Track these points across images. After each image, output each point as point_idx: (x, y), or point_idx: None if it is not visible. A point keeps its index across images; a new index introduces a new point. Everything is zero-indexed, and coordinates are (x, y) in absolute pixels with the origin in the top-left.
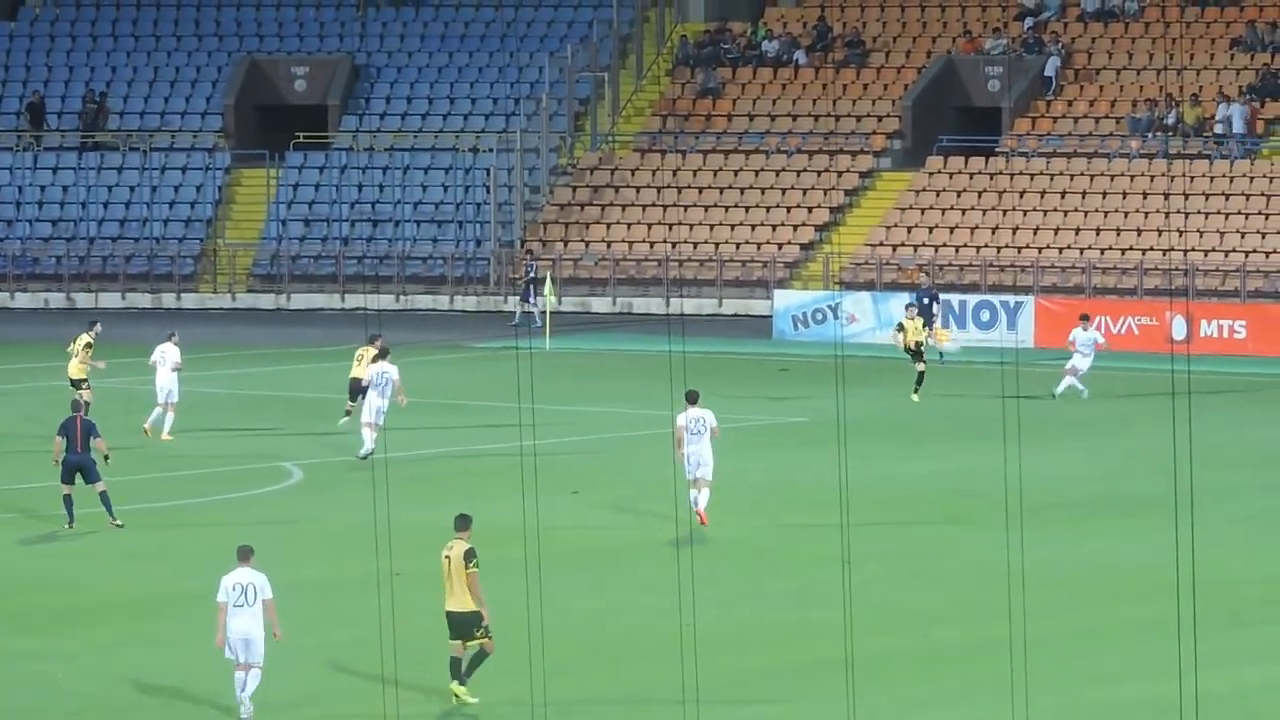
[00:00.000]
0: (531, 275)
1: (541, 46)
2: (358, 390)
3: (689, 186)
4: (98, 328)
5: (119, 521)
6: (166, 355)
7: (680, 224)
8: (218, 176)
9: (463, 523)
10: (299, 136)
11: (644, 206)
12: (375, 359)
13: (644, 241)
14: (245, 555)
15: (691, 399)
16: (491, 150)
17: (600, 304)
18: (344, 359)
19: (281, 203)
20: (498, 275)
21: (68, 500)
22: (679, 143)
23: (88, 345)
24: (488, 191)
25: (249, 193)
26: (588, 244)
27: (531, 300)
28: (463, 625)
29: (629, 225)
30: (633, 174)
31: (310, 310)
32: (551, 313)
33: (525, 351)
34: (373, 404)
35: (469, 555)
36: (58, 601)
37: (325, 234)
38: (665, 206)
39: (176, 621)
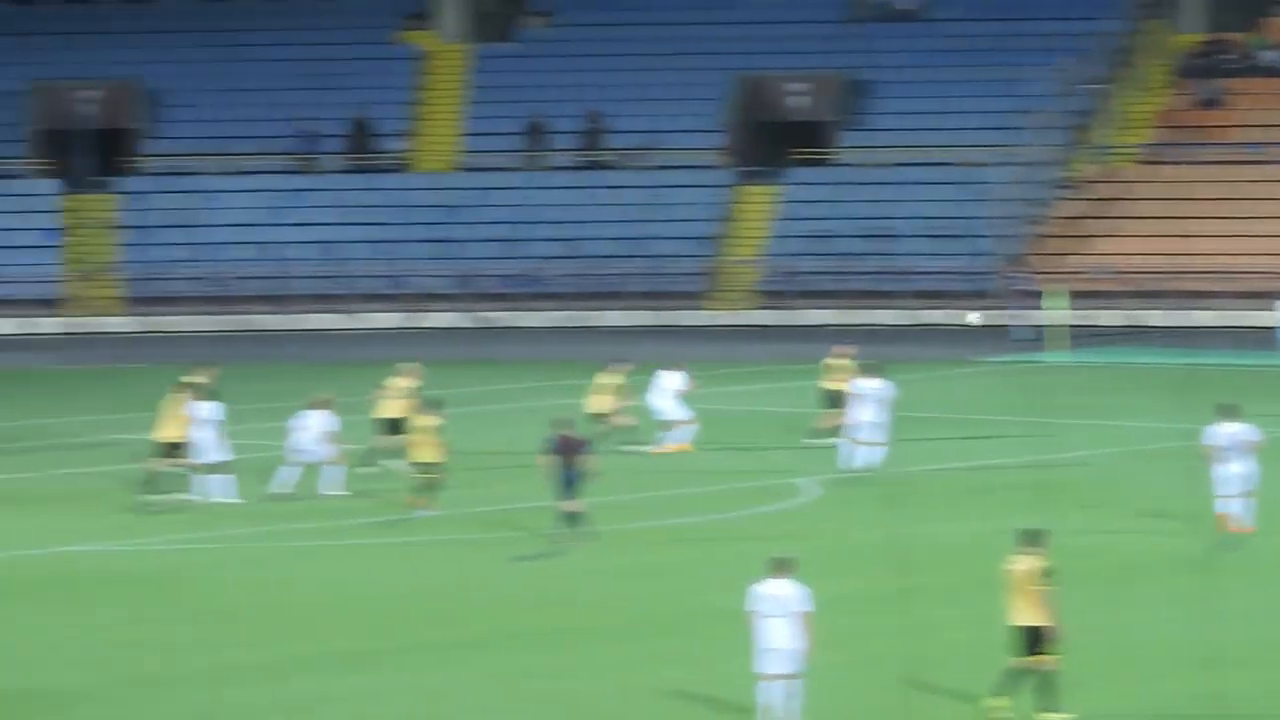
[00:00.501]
0: (1024, 288)
1: (1040, 59)
2: (837, 402)
3: (1190, 199)
4: (627, 365)
5: (584, 539)
6: (666, 382)
7: (1183, 236)
8: (720, 194)
9: (1033, 538)
10: (798, 152)
11: (1146, 219)
12: (859, 374)
13: (1147, 254)
14: (782, 567)
15: (1227, 414)
16: (992, 164)
17: (1109, 317)
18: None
19: (784, 219)
20: (1001, 289)
21: (564, 517)
22: (1180, 154)
23: (619, 386)
24: (989, 205)
25: (750, 209)
26: (1092, 257)
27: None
28: (1029, 640)
29: (1132, 238)
30: (1134, 186)
31: (815, 326)
32: (1056, 326)
33: (1031, 365)
34: (861, 418)
35: (1040, 571)
36: (562, 619)
37: (828, 249)
38: (1167, 219)
39: (696, 638)
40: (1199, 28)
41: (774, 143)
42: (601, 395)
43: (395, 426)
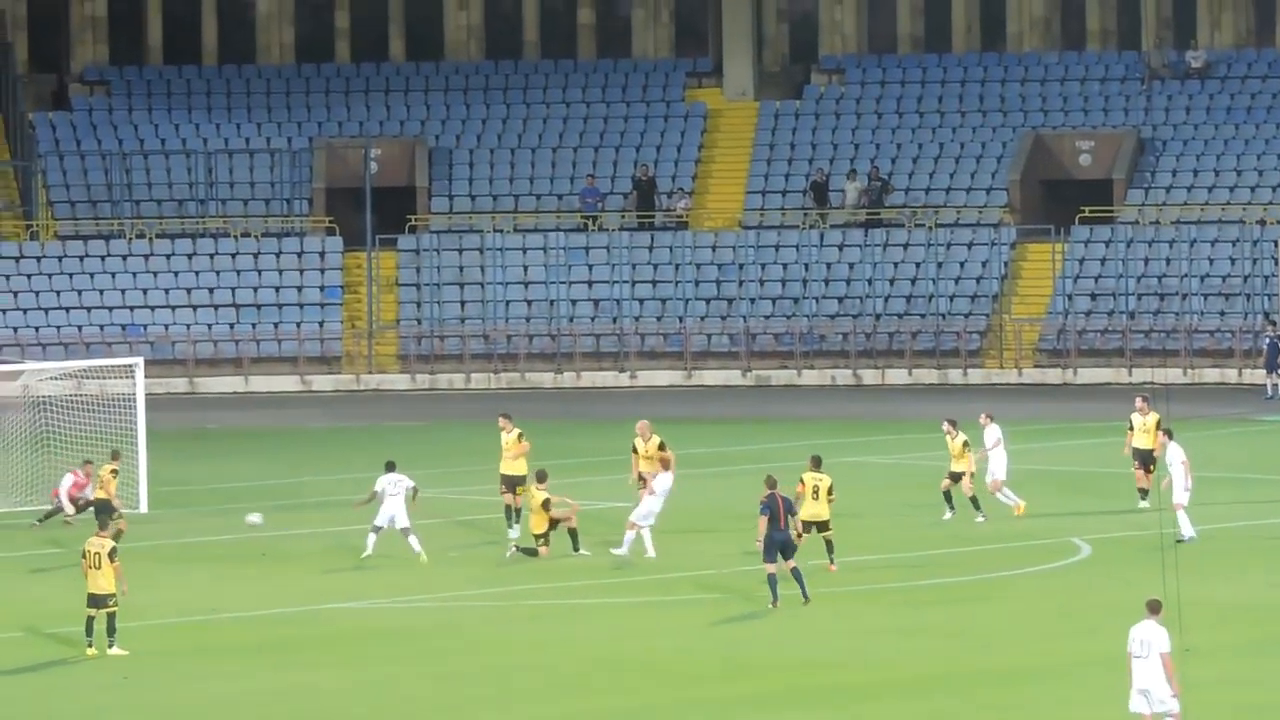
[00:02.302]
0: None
1: None
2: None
3: None
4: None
5: (807, 598)
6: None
7: None
8: (1003, 251)
9: None
10: (1084, 210)
11: None
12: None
13: None
14: (1154, 608)
15: None
16: (1274, 223)
17: None
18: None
19: (1068, 277)
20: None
21: (772, 580)
22: None
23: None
24: (1276, 264)
25: (1034, 267)
26: None
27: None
28: None
29: None
30: None
31: (1096, 385)
32: None
33: None
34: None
35: None
36: (834, 678)
37: (1111, 308)
38: None
39: (972, 696)
40: None
41: (1060, 201)
42: (959, 458)
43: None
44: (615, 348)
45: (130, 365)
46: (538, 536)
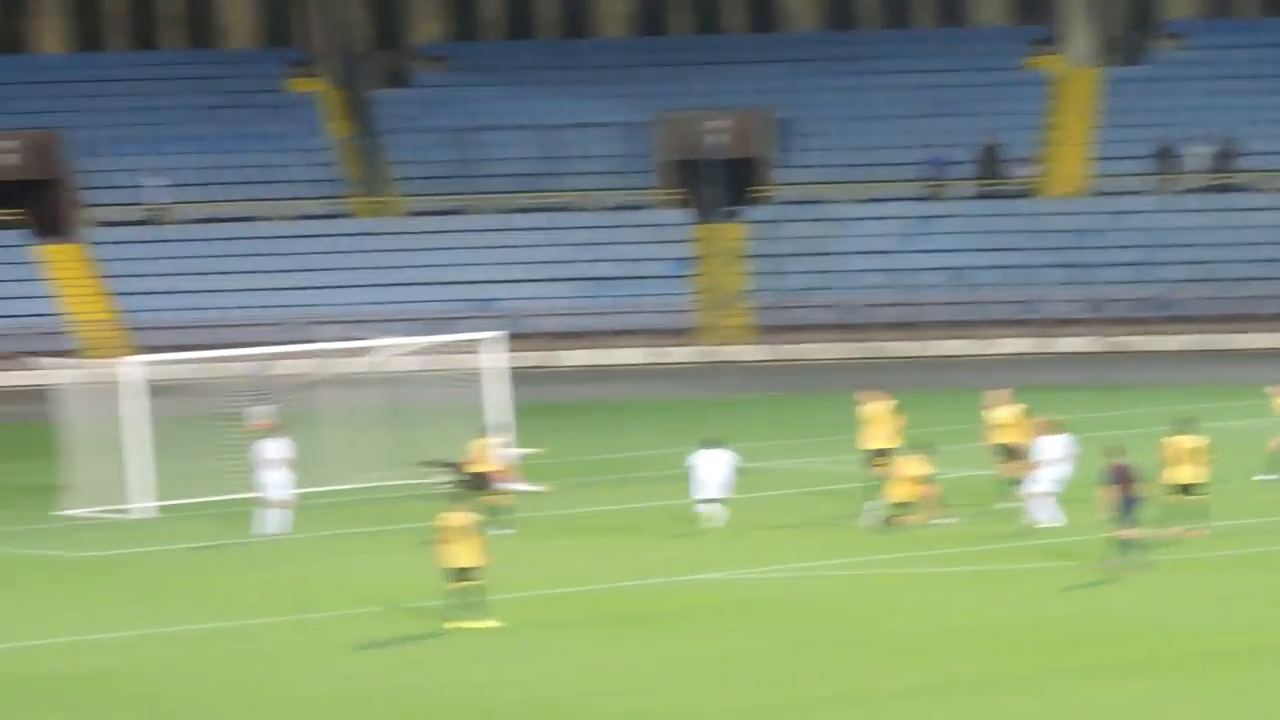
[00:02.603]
0: None
1: None
2: None
3: None
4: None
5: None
6: None
7: None
8: None
9: None
10: None
11: None
12: None
13: None
14: None
15: None
16: None
17: None
18: None
19: None
20: None
21: (1123, 545)
22: None
23: None
24: None
25: None
26: None
27: None
28: None
29: None
30: None
31: None
32: None
33: None
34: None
35: None
36: (1184, 644)
37: None
38: None
39: None
40: None
41: None
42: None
43: (1011, 452)
44: (967, 316)
45: (480, 340)
46: (898, 506)
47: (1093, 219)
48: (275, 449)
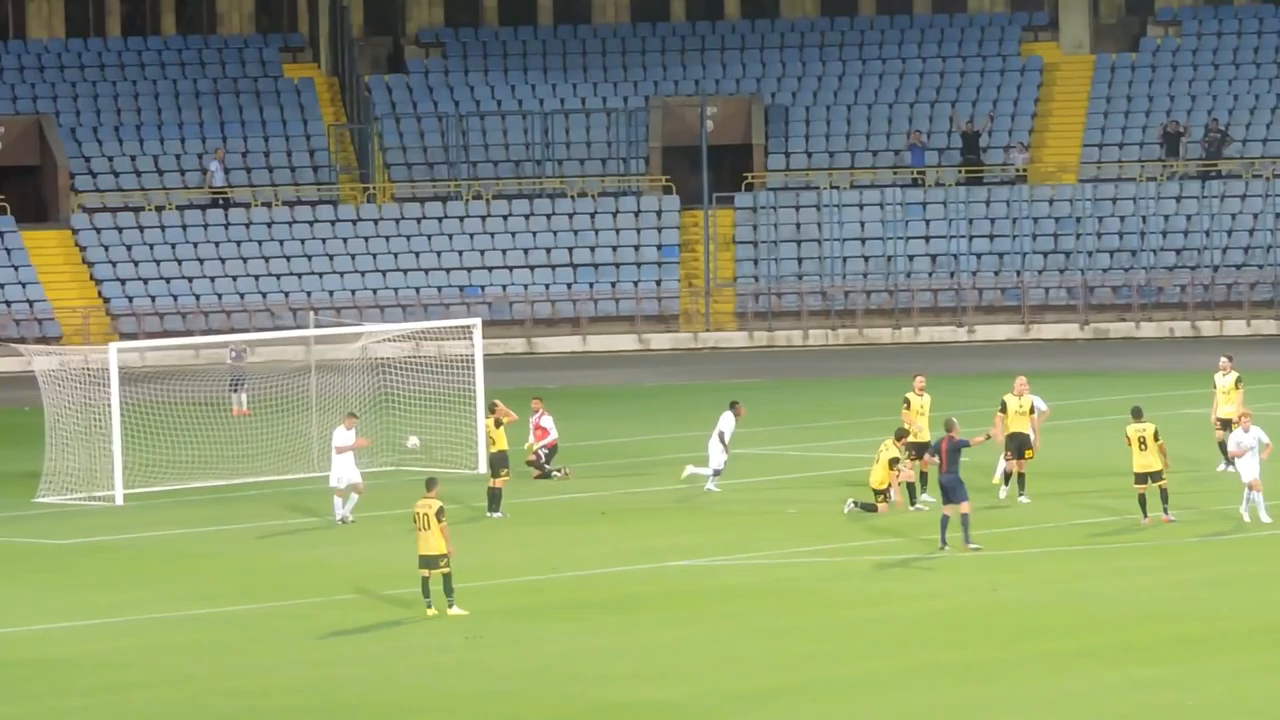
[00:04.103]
0: None
1: None
2: None
3: None
4: None
5: (974, 546)
6: None
7: None
8: None
9: None
10: None
11: None
12: None
13: None
14: None
15: None
16: None
17: None
18: None
19: None
20: None
21: (943, 521)
22: None
23: None
24: None
25: None
26: None
27: None
28: None
29: None
30: None
31: None
32: None
33: None
34: None
35: None
36: (1178, 631)
37: None
38: None
39: None
40: None
41: None
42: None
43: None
44: (952, 303)
45: (469, 326)
46: (878, 493)
47: (1080, 206)
48: (344, 438)
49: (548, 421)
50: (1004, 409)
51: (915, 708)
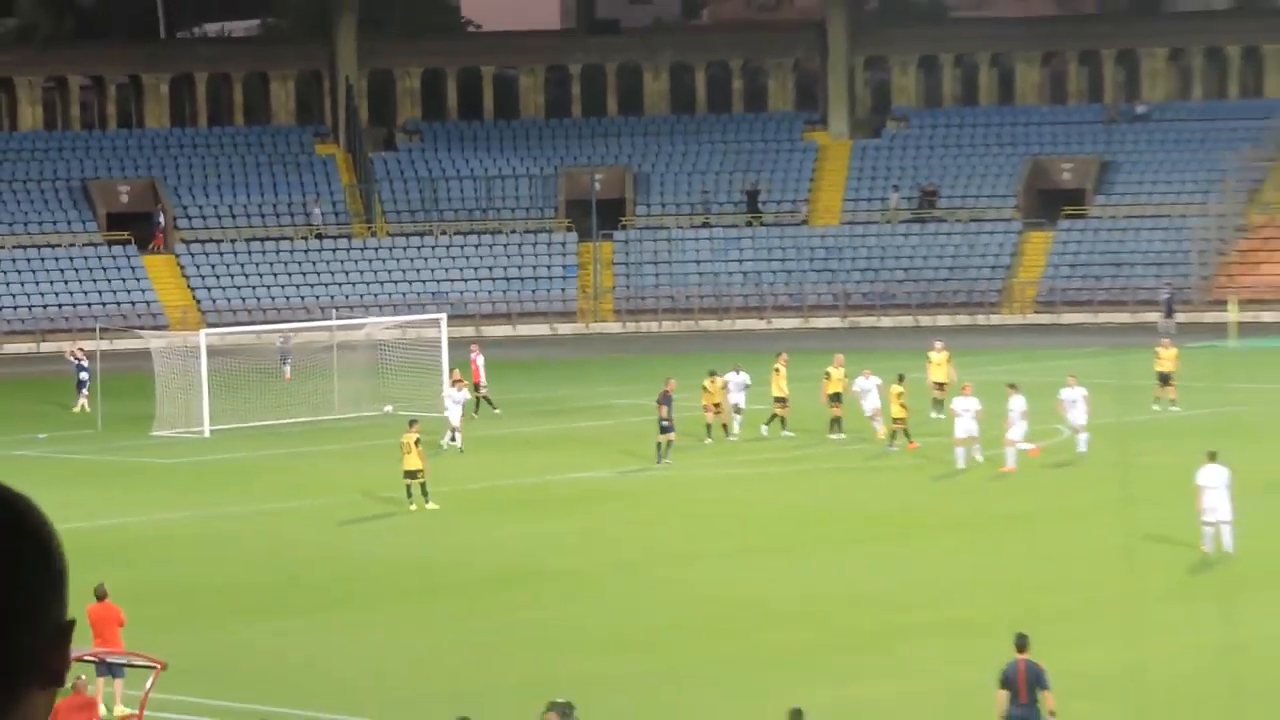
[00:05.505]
0: (1214, 299)
1: (1229, 145)
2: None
3: None
4: None
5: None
6: None
7: None
8: (1010, 238)
9: None
10: (1064, 210)
11: None
12: None
13: None
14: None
15: None
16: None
17: (1269, 317)
18: None
19: (1055, 255)
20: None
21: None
22: None
23: None
24: None
25: (1034, 248)
26: (1258, 277)
27: None
28: None
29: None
30: None
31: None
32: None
33: (1216, 348)
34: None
35: None
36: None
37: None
38: None
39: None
40: None
41: (1048, 202)
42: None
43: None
44: (757, 304)
45: (437, 319)
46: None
47: (842, 239)
48: (455, 395)
49: (480, 360)
50: (828, 376)
51: (714, 572)
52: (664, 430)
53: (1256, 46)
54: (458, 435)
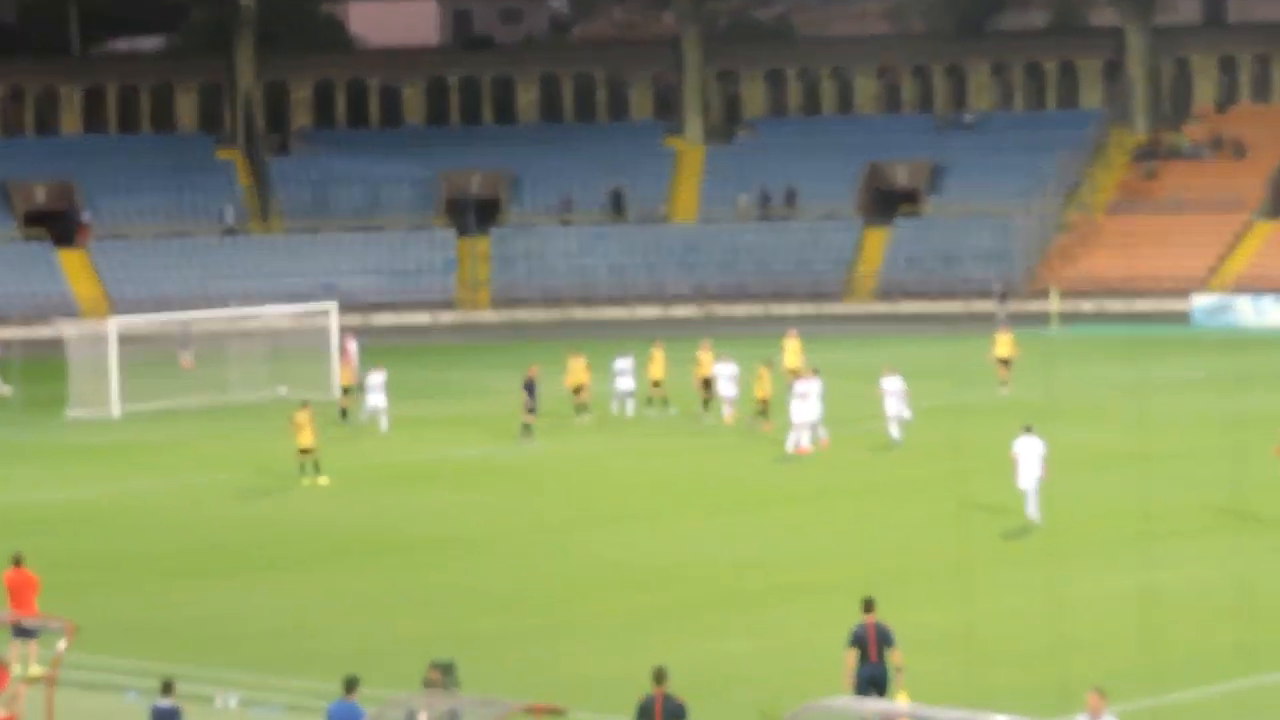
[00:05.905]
0: (1037, 289)
1: (1049, 150)
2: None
3: (1138, 235)
4: None
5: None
6: None
7: (1131, 259)
8: (850, 235)
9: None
10: (901, 208)
11: (1110, 248)
12: None
13: (1109, 272)
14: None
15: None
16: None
17: (1085, 306)
18: None
19: (891, 253)
20: (1024, 289)
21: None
22: (1131, 209)
23: None
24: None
25: (871, 244)
26: (1076, 271)
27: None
28: None
29: (1100, 261)
30: (1102, 228)
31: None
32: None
33: (1038, 335)
34: None
35: None
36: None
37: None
38: (1123, 247)
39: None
40: (1145, 130)
41: (884, 201)
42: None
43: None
44: (621, 294)
45: (327, 309)
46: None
47: (699, 236)
48: (376, 377)
49: (353, 347)
50: (699, 362)
51: (593, 540)
52: (529, 412)
53: (1072, 62)
54: (383, 417)
